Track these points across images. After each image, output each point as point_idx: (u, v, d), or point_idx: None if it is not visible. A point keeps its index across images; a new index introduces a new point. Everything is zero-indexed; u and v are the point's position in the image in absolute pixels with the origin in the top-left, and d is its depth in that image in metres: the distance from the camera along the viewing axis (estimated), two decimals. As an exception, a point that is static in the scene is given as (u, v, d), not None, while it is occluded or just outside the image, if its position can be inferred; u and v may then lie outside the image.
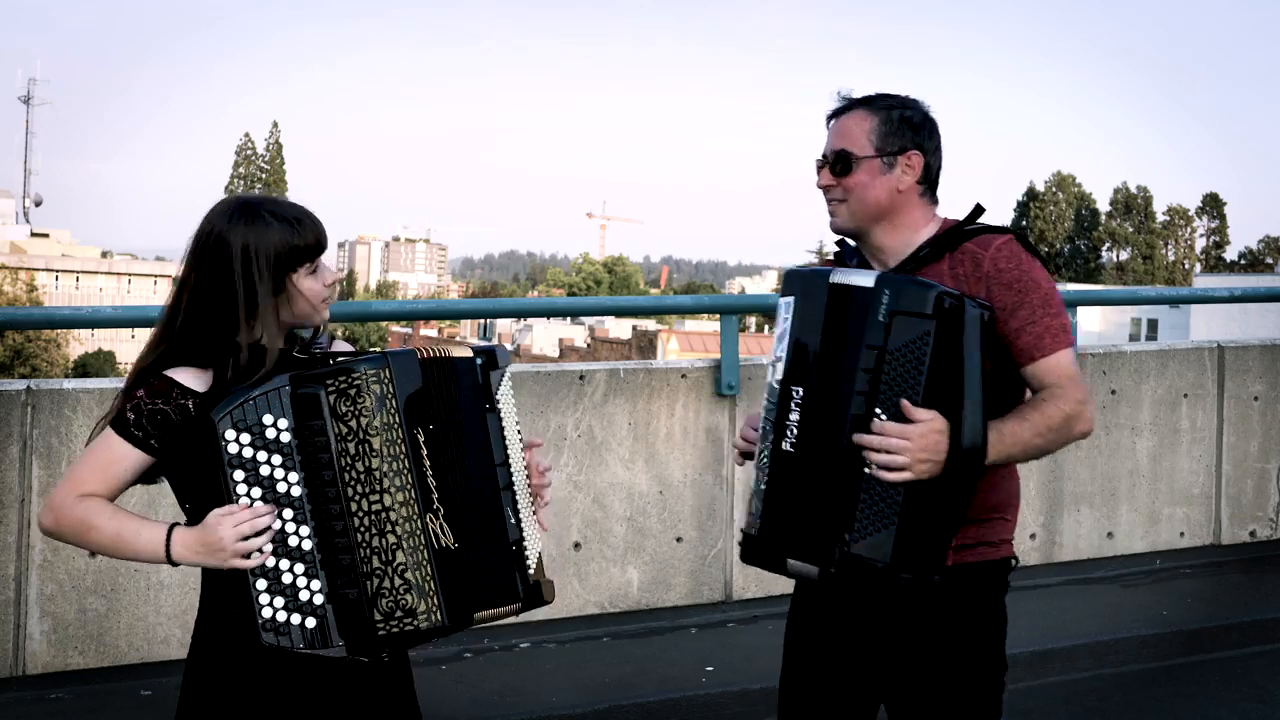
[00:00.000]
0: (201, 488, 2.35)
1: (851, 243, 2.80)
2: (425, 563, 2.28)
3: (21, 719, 4.43)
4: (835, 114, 2.76)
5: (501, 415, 2.46)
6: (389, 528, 2.26)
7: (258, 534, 2.26)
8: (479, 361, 2.44)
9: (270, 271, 2.36)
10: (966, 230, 2.69)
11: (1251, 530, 7.27)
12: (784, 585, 2.76)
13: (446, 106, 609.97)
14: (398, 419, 2.28)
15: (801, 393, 2.54)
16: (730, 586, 5.95)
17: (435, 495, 2.31)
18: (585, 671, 4.98)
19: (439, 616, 2.28)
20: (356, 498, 2.27)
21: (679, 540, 5.86)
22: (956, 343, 2.47)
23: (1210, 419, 7.16)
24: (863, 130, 2.69)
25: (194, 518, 2.37)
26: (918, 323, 2.45)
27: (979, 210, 2.75)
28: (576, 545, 5.62)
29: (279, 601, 2.27)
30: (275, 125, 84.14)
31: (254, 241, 2.35)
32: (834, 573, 2.48)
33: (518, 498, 2.46)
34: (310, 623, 2.27)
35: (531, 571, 2.47)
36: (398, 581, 2.26)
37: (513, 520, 2.44)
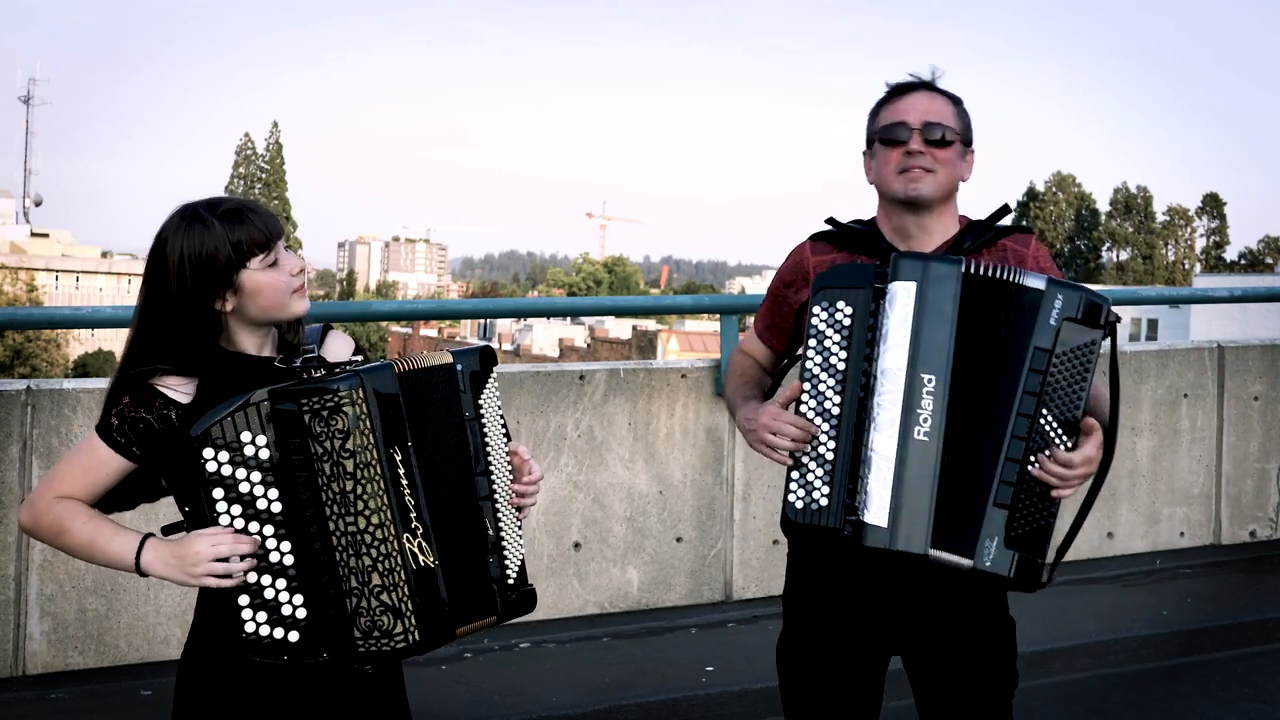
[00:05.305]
0: (185, 499, 2.35)
1: (863, 221, 2.84)
2: (402, 584, 2.25)
3: (21, 719, 4.43)
4: (909, 88, 2.78)
5: (484, 421, 2.42)
6: (365, 550, 2.24)
7: (238, 557, 2.25)
8: (459, 367, 2.39)
9: (214, 273, 2.32)
10: (999, 227, 2.79)
11: (1251, 530, 7.27)
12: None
13: (446, 106, 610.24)
14: (373, 439, 2.25)
15: (934, 382, 2.50)
16: (730, 586, 5.95)
17: (413, 514, 2.28)
18: (585, 671, 4.98)
19: (415, 637, 2.26)
20: (334, 518, 2.25)
21: (679, 540, 5.86)
22: (1109, 355, 2.60)
23: (1210, 419, 7.16)
24: (948, 112, 2.76)
25: (187, 523, 2.37)
26: (1086, 332, 2.52)
27: (1006, 209, 2.84)
28: (576, 545, 5.62)
29: (261, 616, 2.26)
30: (275, 125, 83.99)
31: (192, 247, 2.32)
32: (987, 566, 2.49)
33: (499, 506, 2.43)
34: (294, 636, 2.26)
35: (512, 581, 2.43)
36: (374, 603, 2.25)
37: (491, 531, 2.41)
